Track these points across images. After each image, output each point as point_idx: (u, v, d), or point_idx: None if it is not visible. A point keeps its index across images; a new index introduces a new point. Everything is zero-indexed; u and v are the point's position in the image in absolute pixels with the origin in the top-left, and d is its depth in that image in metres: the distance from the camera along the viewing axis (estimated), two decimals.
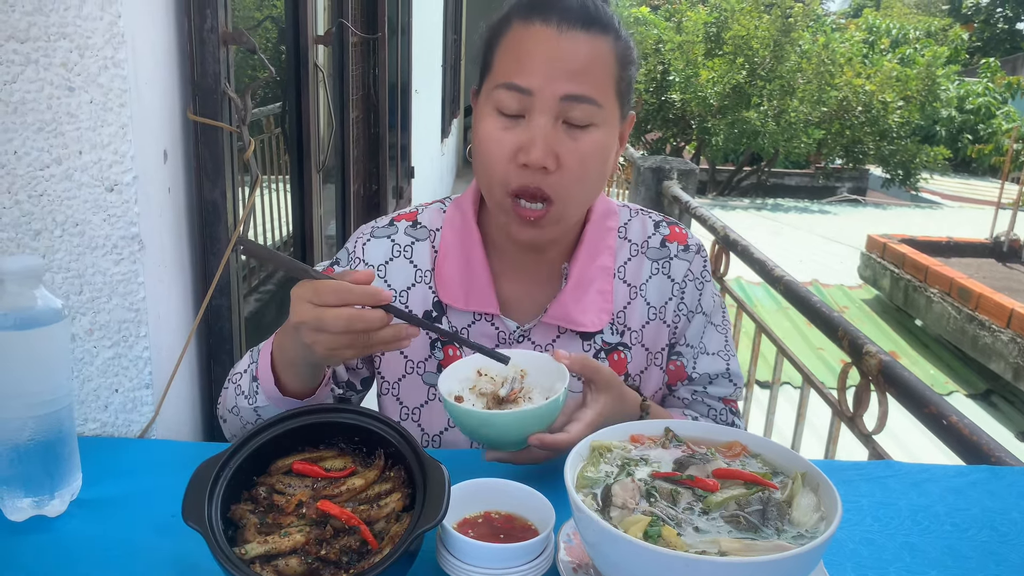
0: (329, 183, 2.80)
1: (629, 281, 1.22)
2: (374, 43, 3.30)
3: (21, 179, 1.07)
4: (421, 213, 1.24)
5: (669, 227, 1.26)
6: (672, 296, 1.23)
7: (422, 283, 1.20)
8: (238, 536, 0.82)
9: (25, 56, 1.03)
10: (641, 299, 1.22)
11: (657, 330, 1.23)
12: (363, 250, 1.21)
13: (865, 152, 14.40)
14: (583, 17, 1.05)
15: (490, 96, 1.08)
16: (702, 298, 1.25)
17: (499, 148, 1.06)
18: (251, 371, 1.07)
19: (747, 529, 0.77)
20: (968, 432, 1.37)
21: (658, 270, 1.23)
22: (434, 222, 1.23)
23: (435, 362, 1.20)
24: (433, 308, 1.19)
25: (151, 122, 1.14)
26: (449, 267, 1.18)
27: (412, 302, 1.20)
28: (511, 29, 1.08)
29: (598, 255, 1.20)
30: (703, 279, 1.25)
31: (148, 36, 1.12)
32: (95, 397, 1.16)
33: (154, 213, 1.16)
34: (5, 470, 0.92)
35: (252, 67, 1.76)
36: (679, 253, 1.23)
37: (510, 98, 1.05)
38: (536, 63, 1.04)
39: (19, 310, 0.89)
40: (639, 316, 1.22)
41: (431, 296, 1.19)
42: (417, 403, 1.21)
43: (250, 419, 1.07)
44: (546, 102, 1.03)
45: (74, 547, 0.90)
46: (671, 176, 4.39)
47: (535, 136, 1.04)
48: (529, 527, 0.89)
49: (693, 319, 1.24)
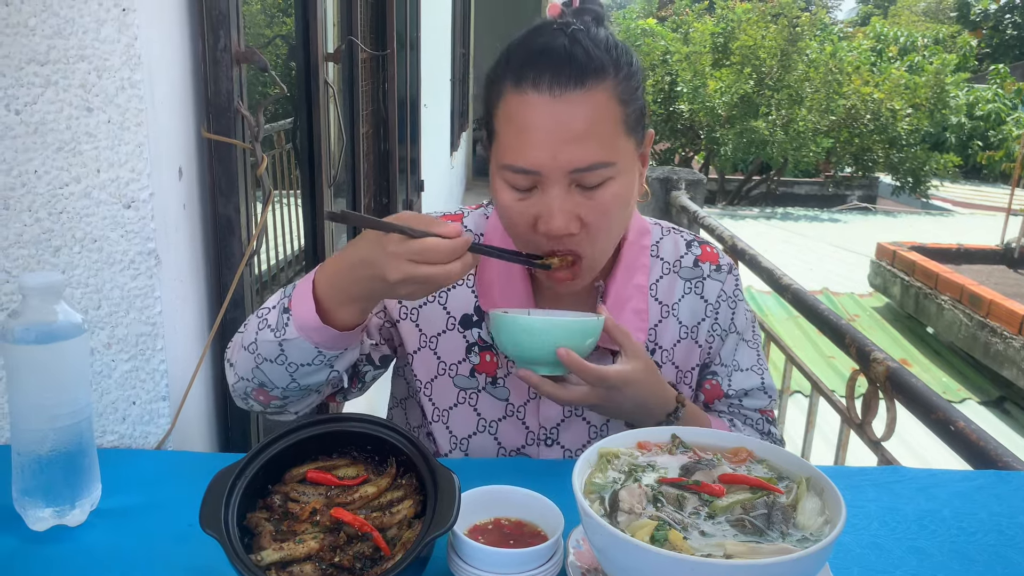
0: (340, 197, 2.83)
1: (661, 299, 1.23)
2: (383, 59, 3.34)
3: (41, 197, 1.10)
4: (466, 216, 1.26)
5: (700, 247, 1.26)
6: (705, 317, 1.23)
7: (464, 285, 1.21)
8: (254, 543, 0.84)
9: (45, 78, 1.06)
10: (673, 318, 1.22)
11: (688, 349, 1.23)
12: None
13: (875, 160, 14.38)
14: (576, 73, 0.99)
15: (499, 171, 1.06)
16: (735, 317, 1.25)
17: (520, 219, 1.05)
18: (282, 304, 1.04)
19: (752, 533, 0.78)
20: (975, 437, 1.38)
21: (691, 290, 1.23)
22: (478, 226, 1.24)
23: (468, 366, 1.20)
24: (474, 312, 1.20)
25: (167, 140, 1.17)
26: (490, 274, 1.19)
27: (451, 303, 1.20)
28: (505, 96, 1.03)
29: (634, 274, 1.20)
30: (736, 298, 1.25)
31: (163, 57, 1.15)
32: (113, 409, 1.19)
33: (170, 229, 1.18)
34: (27, 481, 0.94)
35: (264, 84, 1.79)
36: (712, 273, 1.24)
37: (518, 178, 1.03)
38: (536, 139, 1.00)
39: (41, 324, 0.91)
40: (670, 335, 1.22)
41: (473, 299, 1.20)
42: (447, 405, 1.22)
43: (268, 355, 1.04)
44: (555, 176, 1.01)
45: (94, 556, 0.92)
46: (679, 186, 4.40)
47: (552, 208, 1.02)
48: (538, 533, 0.90)
49: (727, 338, 1.25)
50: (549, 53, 1.00)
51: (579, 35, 1.02)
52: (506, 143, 1.03)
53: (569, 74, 0.99)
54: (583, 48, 1.01)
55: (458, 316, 1.20)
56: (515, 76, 1.01)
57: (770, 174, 15.67)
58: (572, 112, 0.99)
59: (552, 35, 1.03)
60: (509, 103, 1.02)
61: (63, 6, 1.04)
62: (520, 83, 1.01)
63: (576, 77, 0.99)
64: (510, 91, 1.02)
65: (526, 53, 1.02)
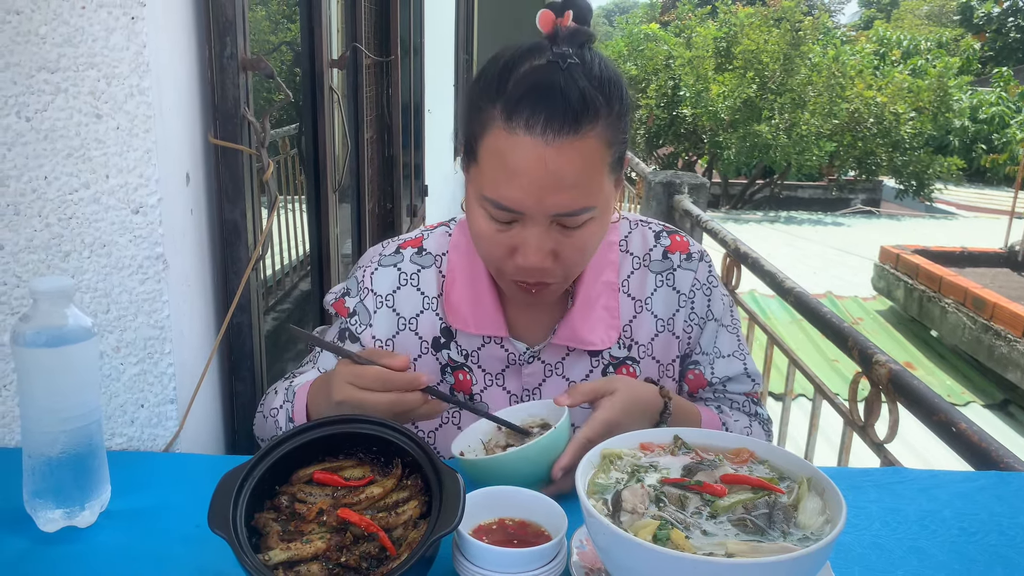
0: (345, 202, 2.84)
1: (634, 295, 1.23)
2: (387, 65, 3.36)
3: (51, 203, 1.11)
4: (426, 239, 1.25)
5: (670, 236, 1.26)
6: (680, 307, 1.23)
7: (429, 310, 1.22)
8: (261, 543, 0.85)
9: (55, 86, 1.07)
10: (648, 312, 1.23)
11: (667, 342, 1.24)
12: (371, 280, 1.23)
13: (878, 163, 14.38)
14: (571, 119, 0.97)
15: (479, 198, 1.05)
16: (711, 304, 1.25)
17: (496, 247, 1.06)
18: (287, 410, 1.15)
19: (754, 532, 0.79)
20: (977, 439, 1.39)
21: (663, 283, 1.23)
22: (440, 247, 1.24)
23: (446, 387, 1.22)
24: (441, 335, 1.21)
25: (174, 146, 1.18)
26: (457, 292, 1.20)
27: (421, 329, 1.22)
28: (493, 129, 1.00)
29: (602, 271, 1.21)
30: (710, 285, 1.25)
31: (171, 64, 1.17)
32: (122, 412, 1.20)
33: (177, 234, 1.20)
34: (38, 483, 0.95)
35: (269, 90, 1.81)
36: (682, 263, 1.24)
37: (499, 213, 1.02)
38: (523, 184, 0.99)
39: (51, 328, 0.92)
40: (647, 330, 1.23)
41: (439, 323, 1.21)
42: (432, 427, 1.24)
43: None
44: (538, 217, 1.01)
45: (104, 557, 0.93)
46: (682, 190, 4.41)
47: (530, 245, 1.02)
48: (542, 533, 0.91)
49: (705, 326, 1.25)
50: (545, 93, 0.97)
51: (575, 72, 0.99)
52: (491, 177, 1.02)
53: (563, 120, 0.97)
54: (579, 89, 0.98)
55: (429, 340, 1.22)
56: (506, 111, 0.98)
57: (773, 178, 15.67)
58: (563, 160, 0.98)
59: (549, 71, 0.99)
60: (498, 138, 1.00)
61: (73, 15, 1.06)
62: (511, 120, 0.98)
63: (571, 123, 0.97)
64: (499, 126, 0.99)
65: (521, 88, 0.99)
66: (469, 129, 1.05)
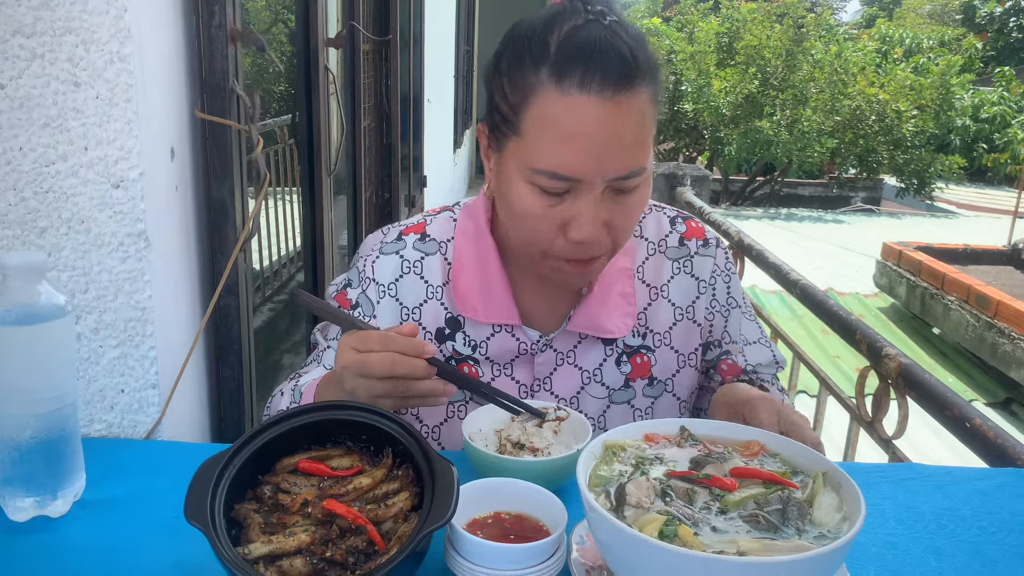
0: (341, 193, 2.79)
1: (649, 282, 1.19)
2: (386, 52, 3.30)
3: (26, 176, 1.06)
4: (429, 224, 1.20)
5: (685, 223, 1.23)
6: (700, 294, 1.20)
7: (434, 299, 1.16)
8: (242, 536, 0.81)
9: (31, 51, 1.02)
10: (664, 300, 1.19)
11: (687, 330, 1.20)
12: (372, 269, 1.17)
13: (879, 161, 14.34)
14: (628, 74, 0.93)
15: (525, 173, 0.98)
16: (731, 290, 1.23)
17: (545, 224, 1.00)
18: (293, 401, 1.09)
19: (767, 529, 0.75)
20: (993, 435, 1.34)
21: (680, 269, 1.20)
22: (444, 232, 1.18)
23: None
24: (447, 325, 1.16)
25: (158, 119, 1.13)
26: (465, 279, 1.14)
27: (424, 319, 1.16)
28: (541, 94, 0.95)
29: (617, 257, 1.15)
30: (728, 272, 1.23)
31: (155, 32, 1.12)
32: (101, 397, 1.15)
33: (161, 211, 1.14)
34: (7, 469, 0.91)
35: (261, 69, 1.75)
36: (700, 250, 1.21)
37: (553, 184, 0.96)
38: (583, 147, 0.94)
39: (22, 306, 0.87)
40: (664, 318, 1.19)
41: (443, 312, 1.16)
42: (437, 422, 1.19)
43: None
44: (595, 183, 0.96)
45: (76, 548, 0.88)
46: (684, 182, 4.36)
47: (587, 216, 0.97)
48: (540, 527, 0.87)
49: (729, 314, 1.23)
50: (597, 49, 0.93)
51: (617, 28, 0.95)
52: (542, 147, 0.96)
53: (620, 75, 0.92)
54: (627, 45, 0.94)
55: (432, 331, 1.17)
56: (556, 73, 0.93)
57: (774, 175, 15.65)
58: (620, 118, 0.94)
59: (594, 29, 0.95)
60: (548, 104, 0.94)
61: None
62: (563, 81, 0.93)
63: (627, 78, 0.93)
64: (549, 89, 0.94)
65: (569, 47, 0.94)
66: (508, 104, 0.99)
